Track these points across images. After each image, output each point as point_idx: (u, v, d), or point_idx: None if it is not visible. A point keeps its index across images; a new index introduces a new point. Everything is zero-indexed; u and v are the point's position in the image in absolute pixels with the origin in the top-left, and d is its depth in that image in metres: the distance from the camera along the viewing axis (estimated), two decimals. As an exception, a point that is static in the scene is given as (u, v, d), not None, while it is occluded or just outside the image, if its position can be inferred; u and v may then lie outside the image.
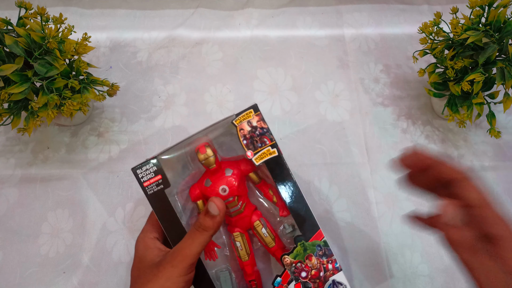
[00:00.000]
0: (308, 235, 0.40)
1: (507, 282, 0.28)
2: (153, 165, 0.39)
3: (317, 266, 0.39)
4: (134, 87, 0.62)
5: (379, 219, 0.53)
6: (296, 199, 0.40)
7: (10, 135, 0.58)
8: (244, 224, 0.42)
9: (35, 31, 0.45)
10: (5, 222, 0.52)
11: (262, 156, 0.40)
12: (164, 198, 0.39)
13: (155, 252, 0.38)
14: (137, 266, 0.38)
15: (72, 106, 0.47)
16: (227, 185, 0.41)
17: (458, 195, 0.31)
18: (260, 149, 0.40)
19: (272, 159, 0.40)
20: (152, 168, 0.39)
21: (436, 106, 0.59)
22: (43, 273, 0.49)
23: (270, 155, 0.40)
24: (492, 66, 0.48)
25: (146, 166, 0.39)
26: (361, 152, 0.57)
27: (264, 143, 0.40)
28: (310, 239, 0.40)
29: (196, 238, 0.36)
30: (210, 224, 0.36)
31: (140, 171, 0.39)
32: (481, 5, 0.49)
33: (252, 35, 0.67)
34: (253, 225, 0.42)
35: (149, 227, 0.41)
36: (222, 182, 0.41)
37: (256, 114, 0.40)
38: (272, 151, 0.40)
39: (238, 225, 0.42)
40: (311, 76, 0.63)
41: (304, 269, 0.39)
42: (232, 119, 0.40)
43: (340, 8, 0.70)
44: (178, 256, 0.35)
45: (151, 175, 0.39)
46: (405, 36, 0.67)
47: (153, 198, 0.39)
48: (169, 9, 0.69)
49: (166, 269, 0.35)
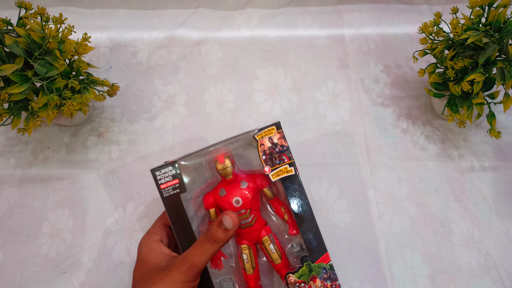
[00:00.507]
0: (315, 256, 0.40)
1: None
2: (172, 168, 0.40)
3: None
4: (134, 87, 0.62)
5: (379, 219, 0.53)
6: (307, 219, 0.41)
7: (10, 135, 0.58)
8: (252, 238, 0.43)
9: (35, 31, 0.45)
10: (5, 222, 0.52)
11: (279, 173, 0.40)
12: (178, 202, 0.40)
13: (160, 256, 0.38)
14: (140, 268, 0.39)
15: (72, 106, 0.47)
16: (241, 197, 0.41)
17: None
18: (278, 166, 0.40)
19: (289, 177, 0.41)
20: (171, 171, 0.40)
21: (436, 106, 0.59)
22: (43, 273, 0.49)
23: (287, 173, 0.40)
24: (492, 66, 0.48)
25: (165, 169, 0.40)
26: (361, 152, 0.57)
27: (283, 160, 0.41)
28: (316, 260, 0.40)
29: (206, 248, 0.36)
30: (222, 237, 0.36)
31: (159, 173, 0.40)
32: (481, 5, 0.49)
33: (252, 35, 0.67)
34: (262, 239, 0.42)
35: (155, 229, 0.42)
36: (236, 193, 0.41)
37: (278, 132, 0.41)
38: (290, 170, 0.40)
39: (246, 238, 0.43)
40: (311, 76, 0.63)
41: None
42: (254, 133, 0.41)
43: (340, 8, 0.70)
44: (186, 263, 0.36)
45: (169, 178, 0.40)
46: (405, 36, 0.67)
47: (168, 200, 0.40)
48: (169, 9, 0.69)
49: (174, 274, 0.35)
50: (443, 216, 0.53)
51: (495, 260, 0.51)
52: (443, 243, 0.52)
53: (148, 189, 0.54)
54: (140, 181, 0.54)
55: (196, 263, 0.35)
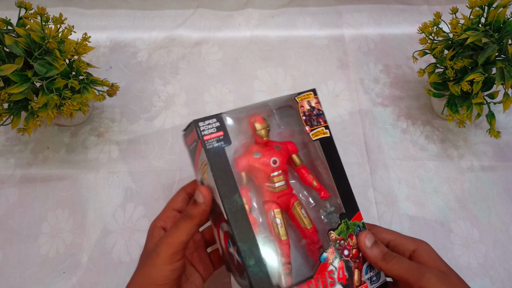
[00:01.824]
0: (350, 214, 0.40)
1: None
2: (217, 120, 0.38)
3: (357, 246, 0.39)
4: (134, 87, 0.62)
5: (379, 219, 0.53)
6: (342, 179, 0.42)
7: (10, 135, 0.58)
8: (284, 203, 0.42)
9: (35, 31, 0.46)
10: (5, 222, 0.52)
11: (317, 134, 0.42)
12: (223, 155, 0.37)
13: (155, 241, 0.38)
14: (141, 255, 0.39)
15: (72, 106, 0.47)
16: (278, 157, 0.41)
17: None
18: (316, 127, 0.42)
19: (325, 139, 0.42)
20: (215, 123, 0.38)
21: (435, 106, 0.59)
22: (43, 273, 0.49)
23: (323, 135, 0.42)
24: (491, 66, 0.48)
25: (209, 121, 0.38)
26: (361, 152, 0.57)
27: (320, 123, 0.42)
28: (352, 218, 0.40)
29: (180, 226, 0.35)
30: (194, 212, 0.35)
31: (203, 124, 0.38)
32: (481, 5, 0.49)
33: (252, 35, 0.67)
34: (293, 204, 0.42)
35: (162, 215, 0.41)
36: (273, 154, 0.41)
37: (315, 97, 0.43)
38: (326, 132, 0.42)
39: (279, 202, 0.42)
40: (311, 76, 0.63)
41: (347, 247, 0.39)
42: (295, 96, 0.42)
43: (340, 8, 0.70)
44: (161, 244, 0.35)
45: (213, 130, 0.38)
46: (405, 36, 0.67)
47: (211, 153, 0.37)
48: (169, 9, 0.69)
49: (151, 256, 0.35)
50: (443, 216, 0.53)
51: (495, 260, 0.51)
52: (443, 243, 0.52)
53: (148, 189, 0.54)
54: (140, 181, 0.54)
55: (170, 243, 0.34)
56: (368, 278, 0.39)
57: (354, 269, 0.38)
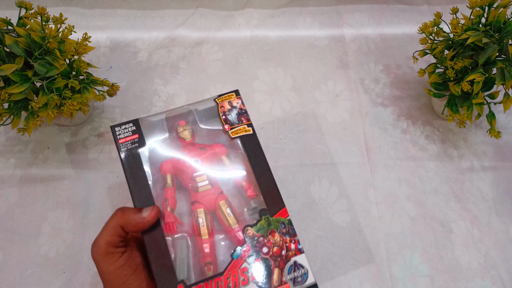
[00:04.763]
0: (273, 210, 0.40)
1: None
2: (133, 125, 0.42)
3: (280, 243, 0.39)
4: (134, 87, 0.62)
5: (379, 219, 0.53)
6: (265, 174, 0.42)
7: (10, 135, 0.58)
8: (209, 203, 0.42)
9: (35, 31, 0.45)
10: (5, 222, 0.52)
11: (238, 131, 0.43)
12: (136, 156, 0.40)
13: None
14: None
15: (72, 106, 0.47)
16: (200, 157, 0.42)
17: None
18: (236, 126, 0.43)
19: (247, 136, 0.43)
20: (131, 127, 0.41)
21: (436, 106, 0.59)
22: (43, 273, 0.49)
23: (245, 132, 0.43)
24: (492, 66, 0.48)
25: (125, 126, 0.42)
26: (361, 152, 0.57)
27: (241, 121, 0.43)
28: (275, 215, 0.40)
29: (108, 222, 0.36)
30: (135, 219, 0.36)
31: (119, 129, 0.41)
32: (481, 5, 0.49)
33: (252, 35, 0.67)
34: (219, 204, 0.42)
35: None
36: (196, 155, 0.43)
37: (237, 97, 0.44)
38: (248, 129, 0.43)
39: (203, 202, 0.42)
40: (311, 76, 0.63)
41: (266, 244, 0.38)
42: (214, 97, 0.44)
43: (340, 8, 0.70)
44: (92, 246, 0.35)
45: (128, 134, 0.41)
46: (405, 36, 0.67)
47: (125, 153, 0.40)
48: (169, 9, 0.69)
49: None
50: (443, 216, 0.53)
51: (495, 260, 0.51)
52: (443, 243, 0.52)
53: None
54: (140, 181, 0.54)
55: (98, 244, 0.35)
56: (291, 278, 0.37)
57: (273, 268, 0.37)
